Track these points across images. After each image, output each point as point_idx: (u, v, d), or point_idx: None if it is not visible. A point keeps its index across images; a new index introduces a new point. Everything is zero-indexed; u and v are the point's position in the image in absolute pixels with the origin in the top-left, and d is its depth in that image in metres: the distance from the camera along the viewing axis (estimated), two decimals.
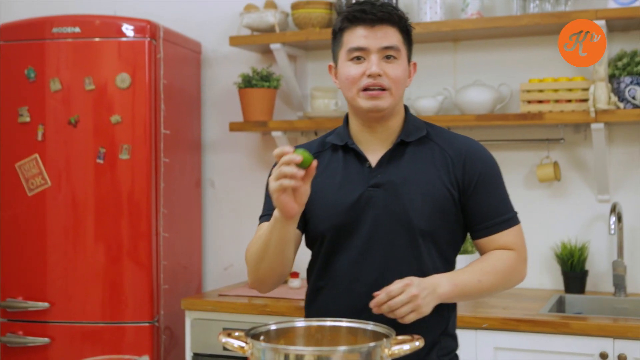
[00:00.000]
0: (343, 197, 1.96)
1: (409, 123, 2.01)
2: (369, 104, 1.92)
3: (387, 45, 1.92)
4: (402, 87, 1.96)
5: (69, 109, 3.40)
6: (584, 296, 3.23)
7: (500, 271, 1.97)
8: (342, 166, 2.00)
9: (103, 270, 3.38)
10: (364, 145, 2.00)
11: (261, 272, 1.95)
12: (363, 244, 1.95)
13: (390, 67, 1.93)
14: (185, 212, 3.74)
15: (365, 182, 1.96)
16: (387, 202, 1.94)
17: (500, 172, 2.05)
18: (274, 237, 1.86)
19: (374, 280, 1.93)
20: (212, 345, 3.18)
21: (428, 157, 1.98)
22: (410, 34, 2.01)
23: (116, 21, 3.44)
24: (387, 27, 1.93)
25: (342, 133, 2.03)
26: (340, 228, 1.96)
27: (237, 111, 3.77)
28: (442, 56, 3.56)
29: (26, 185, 3.43)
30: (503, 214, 2.00)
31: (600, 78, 3.10)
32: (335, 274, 1.98)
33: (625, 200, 3.27)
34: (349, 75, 1.93)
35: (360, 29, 1.92)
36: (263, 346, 1.55)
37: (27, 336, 3.42)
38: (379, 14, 1.91)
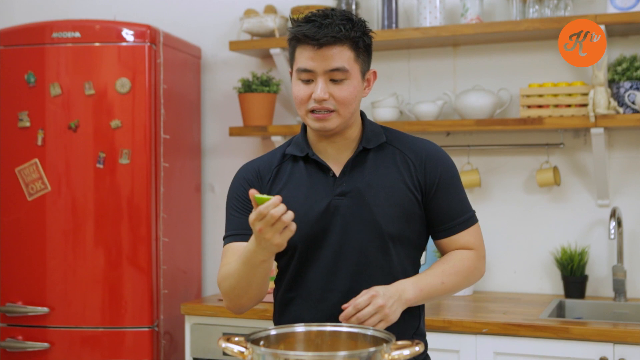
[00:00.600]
0: (310, 208, 1.97)
1: (367, 130, 2.02)
2: (316, 125, 1.94)
3: (333, 68, 1.89)
4: (353, 105, 1.94)
5: (69, 114, 3.40)
6: (584, 301, 3.23)
7: (462, 271, 2.02)
8: (306, 177, 2.00)
9: (103, 275, 3.38)
10: (324, 155, 2.01)
11: (242, 301, 1.97)
12: (334, 253, 1.96)
13: (337, 89, 1.91)
14: (185, 216, 3.74)
15: (331, 191, 1.97)
16: (354, 210, 1.96)
17: (458, 172, 2.08)
18: (257, 276, 1.88)
19: (348, 287, 1.95)
20: (212, 350, 3.17)
21: (390, 162, 2.00)
22: (368, 46, 1.95)
23: (116, 26, 3.45)
24: (335, 48, 1.88)
25: (301, 143, 2.03)
26: (311, 239, 1.97)
27: (237, 116, 3.77)
28: (441, 61, 3.56)
29: (26, 190, 3.43)
30: (463, 214, 2.05)
31: (600, 83, 3.10)
32: (307, 285, 1.99)
33: (625, 205, 3.28)
34: (297, 96, 1.94)
35: (308, 49, 1.89)
36: (263, 351, 1.55)
37: (26, 341, 3.41)
38: (322, 40, 1.86)
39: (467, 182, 3.38)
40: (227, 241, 2.02)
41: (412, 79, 3.60)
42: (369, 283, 1.93)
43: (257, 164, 2.07)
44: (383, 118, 3.44)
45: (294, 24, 1.92)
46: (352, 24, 1.90)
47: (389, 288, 1.88)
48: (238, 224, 2.01)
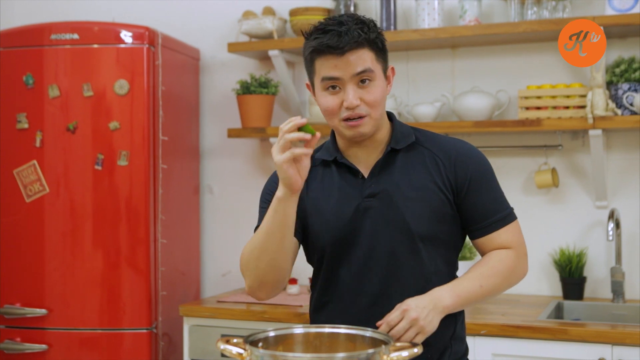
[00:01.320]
0: (340, 211, 1.97)
1: (397, 131, 2.01)
2: (351, 133, 1.93)
3: (360, 71, 1.88)
4: (382, 105, 1.94)
5: (67, 116, 3.40)
6: (583, 302, 3.23)
7: (501, 272, 1.97)
8: (336, 180, 2.00)
9: (101, 276, 3.38)
10: (353, 158, 2.01)
11: (262, 268, 1.92)
12: (364, 255, 1.95)
13: (367, 92, 1.90)
14: (183, 218, 3.74)
15: (360, 193, 1.97)
16: (384, 211, 1.95)
17: (492, 169, 2.04)
18: (276, 221, 1.86)
19: (379, 290, 1.94)
20: (210, 352, 3.17)
21: (419, 162, 1.98)
22: (384, 46, 1.96)
23: (115, 28, 3.45)
24: (357, 52, 1.87)
25: (331, 148, 2.03)
26: (341, 241, 1.97)
27: (236, 117, 3.77)
28: (440, 63, 3.56)
29: (24, 192, 3.43)
30: (499, 212, 2.01)
31: (598, 85, 3.11)
32: (339, 288, 1.99)
33: (623, 207, 3.28)
34: (328, 107, 1.92)
35: (330, 58, 1.88)
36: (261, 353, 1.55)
37: (25, 343, 3.41)
38: (346, 47, 1.86)
39: None
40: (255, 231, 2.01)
41: (411, 81, 3.60)
42: (400, 284, 1.92)
43: None
44: None
45: (310, 37, 1.92)
46: (367, 26, 1.91)
47: (422, 298, 1.85)
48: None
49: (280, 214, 1.85)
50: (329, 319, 1.98)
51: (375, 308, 1.91)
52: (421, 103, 3.45)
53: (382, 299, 1.92)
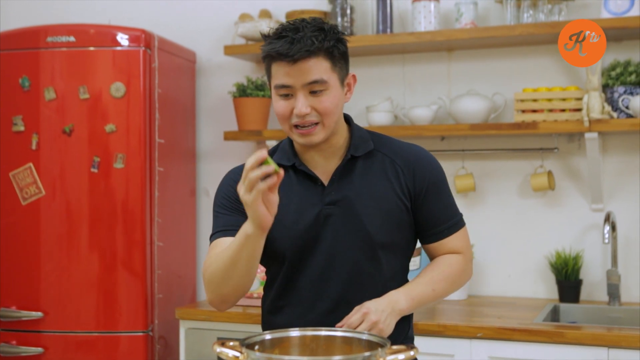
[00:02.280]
0: (301, 217, 1.96)
1: (355, 136, 2.00)
2: (302, 141, 1.93)
3: (311, 80, 1.86)
4: (335, 114, 1.92)
5: (63, 118, 3.40)
6: (579, 305, 3.23)
7: (451, 277, 2.04)
8: (295, 186, 1.99)
9: (97, 279, 3.37)
10: (311, 163, 2.00)
11: (226, 290, 1.90)
12: (324, 262, 1.97)
13: (318, 101, 1.88)
14: (179, 221, 3.74)
15: (320, 200, 1.97)
16: (344, 219, 1.96)
17: (445, 177, 2.07)
18: (244, 254, 1.82)
19: (338, 295, 1.96)
20: (206, 355, 3.17)
21: (379, 169, 1.99)
22: (344, 53, 1.93)
23: (111, 30, 3.45)
24: (309, 61, 1.85)
25: (288, 152, 2.02)
26: (301, 248, 1.97)
27: (232, 120, 3.77)
28: (436, 65, 3.57)
29: (20, 195, 3.43)
30: (451, 218, 2.05)
31: (594, 88, 3.11)
32: (298, 293, 1.99)
33: (619, 210, 3.28)
34: (279, 112, 1.92)
35: (283, 65, 1.87)
36: (258, 356, 1.55)
37: (20, 346, 3.40)
38: (296, 55, 1.83)
39: (462, 187, 3.39)
40: (214, 238, 1.99)
41: (407, 84, 3.60)
42: (359, 290, 1.95)
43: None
44: (378, 122, 3.45)
45: (266, 41, 1.90)
46: (324, 33, 1.87)
47: (381, 302, 1.89)
48: (226, 221, 1.98)
49: (249, 249, 1.81)
50: (285, 323, 1.96)
51: (334, 313, 1.94)
52: (417, 106, 3.45)
53: (342, 304, 1.94)
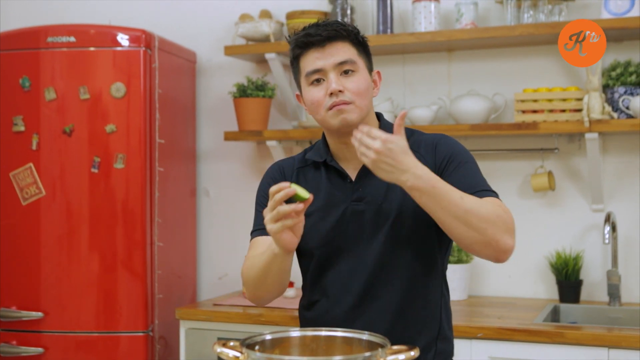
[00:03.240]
0: (328, 214, 1.99)
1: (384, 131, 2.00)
2: (337, 120, 1.94)
3: (341, 61, 1.94)
4: (367, 98, 1.97)
5: (63, 118, 3.40)
6: (579, 305, 3.23)
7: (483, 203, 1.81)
8: (325, 183, 2.03)
9: (97, 279, 3.37)
10: (343, 161, 2.03)
11: (260, 293, 2.01)
12: (352, 258, 1.98)
13: (350, 81, 1.94)
14: (179, 221, 3.74)
15: (348, 197, 1.99)
16: (371, 214, 1.96)
17: (471, 156, 1.99)
18: (273, 269, 1.91)
19: (364, 290, 1.97)
20: (206, 355, 3.17)
21: None
22: (366, 46, 2.02)
23: (111, 30, 3.45)
24: (338, 44, 1.95)
25: (322, 149, 2.05)
26: (328, 245, 1.99)
27: (232, 120, 3.77)
28: (436, 66, 3.57)
29: (20, 195, 3.43)
30: (480, 188, 1.90)
31: (594, 88, 3.11)
32: (327, 288, 2.01)
33: (619, 210, 3.28)
34: (313, 99, 1.96)
35: (312, 52, 1.95)
36: (258, 356, 1.55)
37: (20, 346, 3.40)
38: (324, 34, 1.93)
39: None
40: (253, 235, 2.06)
41: (407, 84, 3.60)
42: (385, 285, 1.96)
43: (284, 164, 2.12)
44: None
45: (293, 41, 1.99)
46: (346, 25, 1.98)
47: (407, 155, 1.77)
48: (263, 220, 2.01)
49: (277, 265, 1.89)
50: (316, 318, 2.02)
51: (359, 308, 1.96)
52: (418, 106, 3.45)
53: (367, 299, 1.96)
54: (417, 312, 1.97)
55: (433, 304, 2.00)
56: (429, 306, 1.99)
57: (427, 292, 1.99)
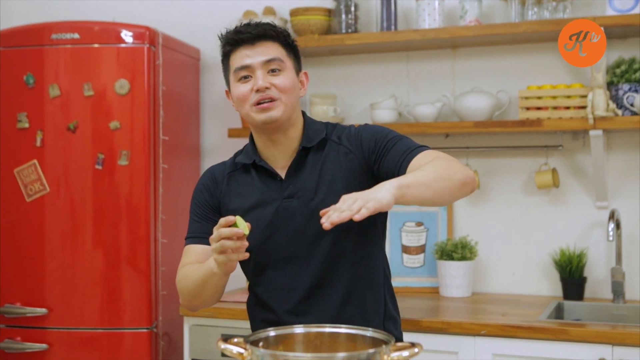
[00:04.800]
0: (261, 214, 2.04)
1: (308, 129, 2.08)
2: (262, 117, 2.00)
3: (269, 59, 2.01)
4: (293, 96, 2.04)
5: (67, 115, 3.40)
6: (583, 303, 3.23)
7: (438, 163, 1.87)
8: (256, 183, 2.08)
9: (101, 276, 3.38)
10: (271, 160, 2.08)
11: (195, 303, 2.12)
12: (290, 254, 2.03)
13: (276, 79, 2.01)
14: (183, 218, 3.71)
15: (279, 195, 2.04)
16: (302, 210, 2.02)
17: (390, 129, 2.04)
18: (210, 284, 2.00)
19: (310, 283, 2.02)
20: (210, 352, 3.17)
21: (332, 157, 2.05)
22: (295, 48, 2.10)
23: (115, 27, 3.45)
24: (267, 43, 2.03)
25: (250, 151, 2.11)
26: (266, 244, 2.04)
27: (236, 117, 3.77)
28: (440, 63, 3.56)
29: (25, 191, 3.43)
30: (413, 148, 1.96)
31: (599, 85, 3.11)
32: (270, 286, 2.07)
33: (623, 207, 3.28)
34: (239, 94, 2.03)
35: (242, 49, 2.03)
36: (262, 352, 1.55)
37: (25, 342, 3.41)
38: (254, 32, 2.01)
39: None
40: (186, 242, 2.17)
41: (411, 81, 3.60)
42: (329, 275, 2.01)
43: (215, 171, 2.18)
44: (382, 120, 3.44)
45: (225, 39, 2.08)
46: (277, 27, 2.07)
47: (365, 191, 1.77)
48: (196, 228, 2.15)
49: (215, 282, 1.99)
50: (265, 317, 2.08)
51: (309, 300, 2.02)
52: (421, 103, 3.45)
53: (314, 291, 2.01)
54: (363, 296, 2.04)
55: (377, 287, 2.07)
56: (374, 289, 2.06)
57: (370, 276, 2.05)
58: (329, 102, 3.59)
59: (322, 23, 3.52)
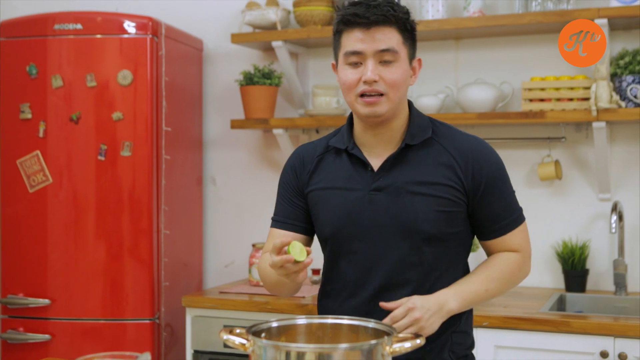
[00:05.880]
0: (345, 201, 1.94)
1: (414, 123, 1.96)
2: (366, 110, 1.89)
3: (383, 49, 1.86)
4: (402, 90, 1.91)
5: (70, 106, 3.40)
6: (585, 295, 3.23)
7: (506, 275, 1.99)
8: (346, 169, 1.98)
9: (104, 267, 3.38)
10: (367, 148, 1.97)
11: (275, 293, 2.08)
12: (366, 248, 1.94)
13: (387, 71, 1.87)
14: (186, 209, 3.74)
15: (367, 185, 1.94)
16: (388, 206, 1.91)
17: (506, 171, 2.02)
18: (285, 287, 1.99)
19: (380, 284, 1.93)
20: (212, 343, 3.18)
21: (433, 160, 1.94)
22: (414, 31, 1.94)
23: (118, 18, 3.44)
24: (384, 29, 1.86)
25: (345, 135, 2.00)
26: (342, 232, 1.95)
27: (239, 108, 3.77)
28: (444, 54, 3.56)
29: (27, 182, 3.43)
30: (510, 215, 1.99)
31: (602, 77, 3.10)
32: (342, 278, 1.98)
33: (626, 199, 3.27)
34: (346, 81, 1.90)
35: (356, 31, 1.87)
36: (264, 343, 1.55)
37: (27, 333, 3.42)
38: (372, 17, 1.84)
39: None
40: (271, 225, 2.09)
41: None
42: (401, 281, 1.92)
43: (304, 151, 2.07)
44: None
45: (340, 11, 1.91)
46: (398, 7, 1.89)
47: (429, 299, 1.84)
48: (280, 211, 2.07)
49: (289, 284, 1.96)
50: (330, 309, 1.99)
51: (375, 302, 1.91)
52: (425, 95, 3.44)
53: (383, 293, 1.92)
54: None
55: None
56: None
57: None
58: (332, 94, 3.59)
59: (324, 14, 3.52)
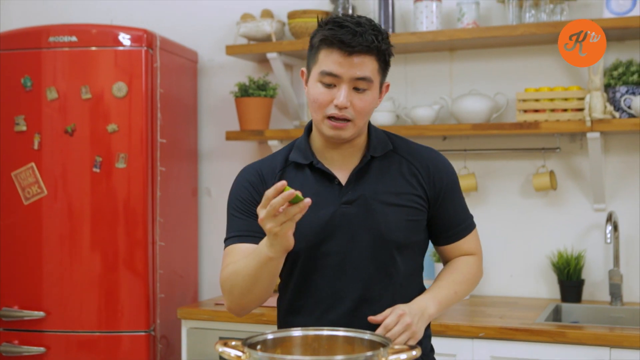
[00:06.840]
0: (316, 216, 1.93)
1: (373, 137, 2.01)
2: (331, 133, 1.92)
3: (359, 77, 1.87)
4: (368, 116, 1.95)
5: (65, 118, 3.40)
6: (581, 305, 3.23)
7: (469, 278, 2.09)
8: (311, 185, 1.97)
9: (99, 279, 3.37)
10: (329, 162, 1.99)
11: (246, 301, 1.92)
12: (341, 261, 1.95)
13: (358, 99, 1.89)
14: (181, 220, 3.74)
15: (337, 199, 1.96)
16: (360, 218, 1.95)
17: (458, 178, 2.11)
18: (265, 273, 1.83)
19: (359, 295, 1.95)
20: (208, 355, 3.17)
21: (396, 170, 2.00)
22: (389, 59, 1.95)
23: (113, 30, 3.45)
24: (364, 57, 1.86)
25: (305, 150, 2.00)
26: (315, 247, 1.96)
27: (234, 120, 3.77)
28: (438, 65, 3.57)
29: (22, 194, 3.43)
30: (464, 220, 2.10)
31: (596, 87, 3.11)
32: (315, 293, 1.98)
33: (621, 209, 3.28)
34: (317, 99, 1.90)
35: (336, 54, 1.86)
36: (260, 355, 1.55)
37: (22, 345, 3.41)
38: (357, 48, 1.84)
39: (464, 187, 3.38)
40: (229, 242, 1.99)
41: (409, 83, 3.60)
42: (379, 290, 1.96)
43: (259, 167, 2.04)
44: (380, 122, 3.45)
45: (325, 26, 1.89)
46: (382, 35, 1.89)
47: (412, 306, 1.92)
48: (242, 226, 1.99)
49: (271, 268, 1.82)
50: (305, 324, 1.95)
51: (355, 313, 1.95)
52: (419, 106, 3.45)
53: (363, 304, 1.95)
54: None
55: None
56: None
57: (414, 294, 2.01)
58: None
59: None
